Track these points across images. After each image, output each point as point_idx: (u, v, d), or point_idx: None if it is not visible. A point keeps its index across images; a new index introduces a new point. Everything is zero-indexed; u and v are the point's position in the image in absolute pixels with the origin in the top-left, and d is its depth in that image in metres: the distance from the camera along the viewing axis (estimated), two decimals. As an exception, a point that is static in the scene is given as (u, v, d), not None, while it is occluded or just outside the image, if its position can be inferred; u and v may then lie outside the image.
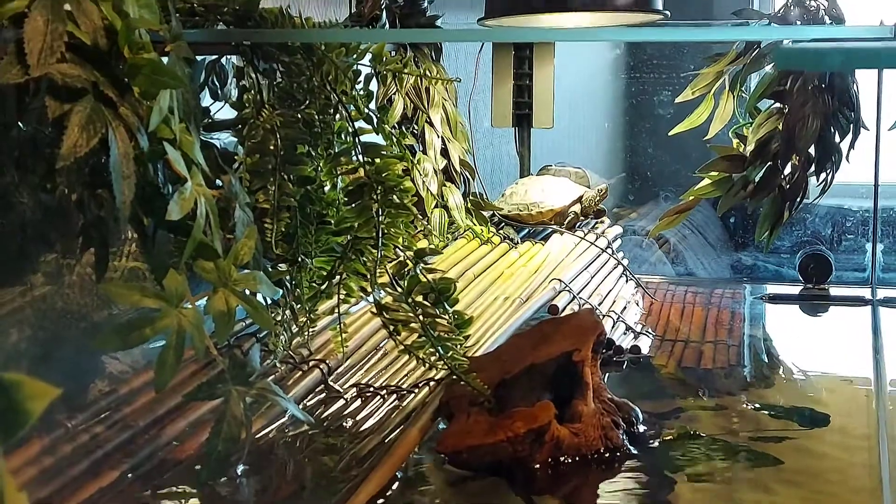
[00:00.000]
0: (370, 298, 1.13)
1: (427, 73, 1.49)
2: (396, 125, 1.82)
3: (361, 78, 1.22)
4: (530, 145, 2.13)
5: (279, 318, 1.18)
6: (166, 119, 0.92)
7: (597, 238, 1.85)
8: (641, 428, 1.11)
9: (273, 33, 1.15)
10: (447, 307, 1.12)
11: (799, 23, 1.79)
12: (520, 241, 1.84)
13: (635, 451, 1.05)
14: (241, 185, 1.13)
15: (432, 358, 1.08)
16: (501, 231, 1.86)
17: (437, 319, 1.09)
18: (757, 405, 1.22)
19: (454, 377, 1.06)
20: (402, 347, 1.11)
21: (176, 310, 0.89)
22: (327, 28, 1.19)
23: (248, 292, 0.96)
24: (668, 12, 1.76)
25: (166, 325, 0.88)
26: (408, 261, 1.14)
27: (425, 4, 1.90)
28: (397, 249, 1.14)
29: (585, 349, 1.04)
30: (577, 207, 1.90)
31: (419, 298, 1.12)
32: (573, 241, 1.82)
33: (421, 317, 1.10)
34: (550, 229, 1.88)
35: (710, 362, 1.41)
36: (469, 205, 1.85)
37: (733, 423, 1.17)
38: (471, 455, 0.99)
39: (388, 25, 1.80)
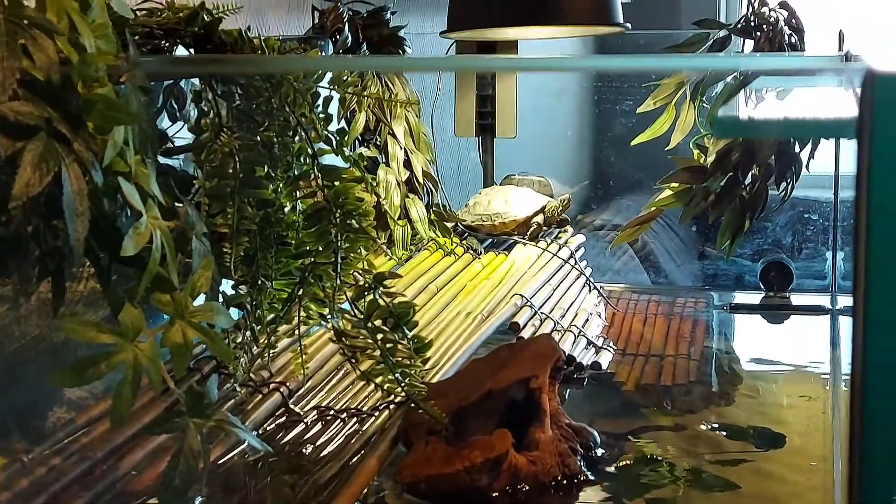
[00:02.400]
0: (328, 325, 1.13)
1: (388, 91, 1.48)
2: (359, 138, 1.82)
3: (321, 100, 1.22)
4: (493, 154, 2.14)
5: (239, 339, 1.18)
6: (121, 152, 0.92)
7: (559, 249, 1.86)
8: (599, 451, 1.11)
9: (233, 62, 1.15)
10: (406, 332, 1.12)
11: (758, 35, 1.81)
12: (483, 252, 1.85)
13: (593, 478, 1.06)
14: (199, 210, 1.13)
15: (391, 385, 1.08)
16: (465, 242, 1.87)
17: (396, 345, 1.09)
18: (715, 425, 1.24)
19: (412, 404, 1.06)
20: (359, 375, 1.11)
21: (132, 344, 0.89)
22: (288, 54, 1.18)
23: (205, 323, 0.96)
24: (629, 25, 1.77)
25: (122, 360, 0.88)
26: (367, 284, 1.14)
27: (388, 15, 1.90)
28: (356, 274, 1.14)
29: (543, 376, 1.05)
30: (539, 217, 1.91)
31: (378, 323, 1.13)
32: (536, 252, 1.83)
33: (380, 342, 1.10)
34: (513, 240, 1.88)
35: (670, 378, 1.42)
36: (432, 216, 1.85)
37: (691, 444, 1.18)
38: (429, 485, 0.99)
39: (350, 38, 1.80)
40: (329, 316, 1.12)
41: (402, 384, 1.08)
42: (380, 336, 1.10)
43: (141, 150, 0.98)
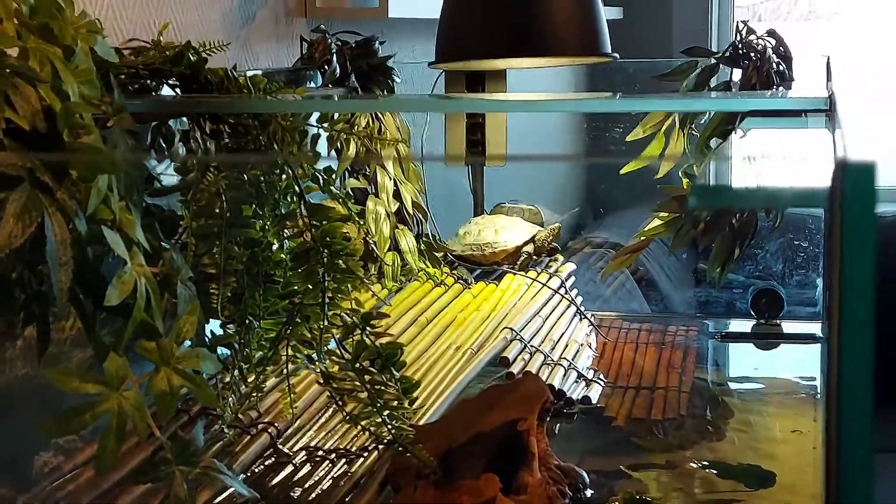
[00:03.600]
0: (316, 368, 1.13)
1: (377, 124, 1.48)
2: (348, 168, 1.82)
3: (309, 138, 1.22)
4: (483, 182, 2.14)
5: (227, 379, 1.18)
6: (106, 198, 0.92)
7: (549, 278, 1.85)
8: (588, 493, 1.11)
9: (220, 103, 1.14)
10: (394, 373, 1.12)
11: (745, 63, 1.81)
12: (473, 282, 1.85)
13: (581, 520, 1.06)
14: (186, 250, 1.13)
15: (379, 430, 1.08)
16: (455, 272, 1.87)
17: (383, 387, 1.09)
18: (705, 462, 1.23)
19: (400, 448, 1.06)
20: (347, 418, 1.10)
21: (117, 393, 0.89)
22: (275, 95, 1.18)
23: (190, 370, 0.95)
24: (616, 55, 1.77)
25: (107, 410, 0.88)
26: (355, 325, 1.14)
27: (376, 45, 1.90)
28: (343, 315, 1.14)
29: (531, 418, 1.05)
30: (529, 247, 1.91)
31: (366, 363, 1.12)
32: (526, 281, 1.83)
33: (367, 384, 1.09)
34: (503, 269, 1.88)
35: (661, 412, 1.41)
36: (422, 247, 1.85)
37: (682, 483, 1.17)
38: (417, 531, 0.99)
39: (338, 69, 1.80)
40: (316, 358, 1.12)
41: (390, 427, 1.07)
42: (367, 377, 1.10)
43: (126, 194, 0.98)
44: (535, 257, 1.92)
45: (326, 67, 1.81)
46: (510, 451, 1.05)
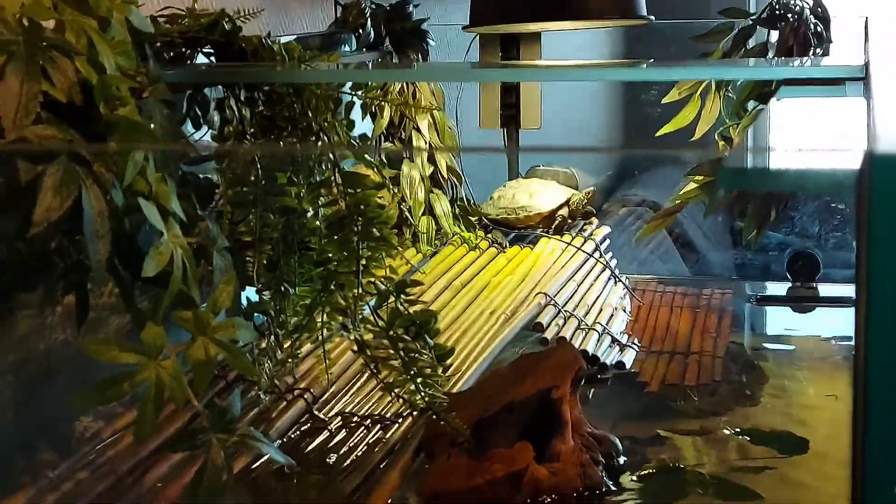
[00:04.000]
0: (351, 336, 1.13)
1: (412, 90, 1.48)
2: (383, 132, 1.82)
3: (343, 106, 1.22)
4: (518, 146, 2.13)
5: (263, 345, 1.19)
6: (142, 170, 0.92)
7: (584, 242, 1.85)
8: (622, 460, 1.11)
9: (254, 73, 1.15)
10: (428, 340, 1.12)
11: (782, 24, 1.79)
12: (508, 246, 1.85)
13: (614, 488, 1.06)
14: (221, 219, 1.14)
15: (413, 397, 1.09)
16: (489, 236, 1.87)
17: (417, 355, 1.10)
18: (738, 430, 1.23)
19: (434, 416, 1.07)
20: (382, 386, 1.11)
21: (154, 362, 0.90)
22: (307, 64, 1.18)
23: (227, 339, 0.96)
24: (652, 17, 1.76)
25: (145, 379, 0.89)
26: (389, 293, 1.14)
27: (411, 8, 1.90)
28: (377, 283, 1.14)
29: (564, 386, 1.05)
30: (564, 210, 1.91)
31: (400, 331, 1.13)
32: (561, 245, 1.83)
33: (401, 353, 1.10)
34: (538, 233, 1.88)
35: (695, 377, 1.42)
36: (457, 211, 1.86)
37: (715, 450, 1.18)
38: (451, 499, 1.00)
39: (372, 33, 1.80)
40: (351, 326, 1.12)
41: (424, 395, 1.08)
42: (401, 345, 1.11)
43: (162, 164, 0.99)
44: (569, 221, 1.92)
45: (361, 31, 1.81)
46: (543, 419, 1.05)
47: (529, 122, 2.08)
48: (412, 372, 1.09)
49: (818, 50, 1.77)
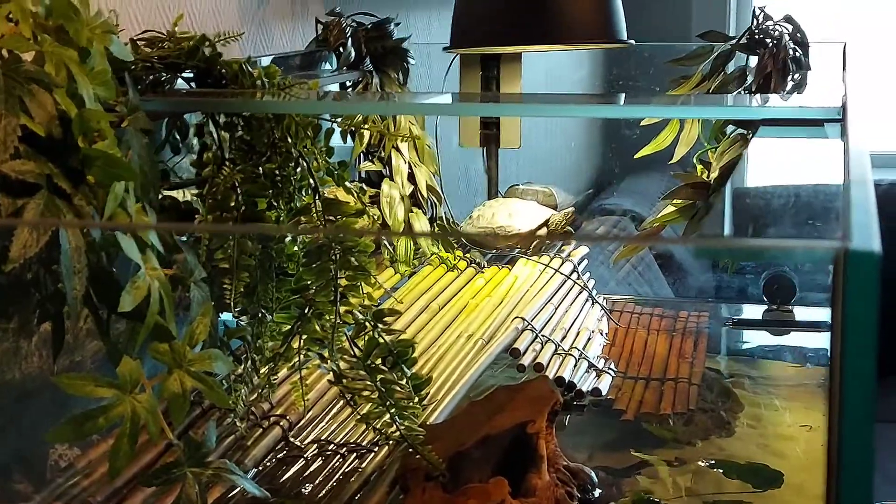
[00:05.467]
0: (328, 367, 1.13)
1: (388, 127, 1.48)
2: (363, 152, 1.82)
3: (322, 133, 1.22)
4: (498, 164, 2.14)
5: (239, 371, 1.18)
6: (122, 201, 0.92)
7: (562, 263, 1.86)
8: (597, 492, 1.12)
9: (234, 103, 1.15)
10: (405, 370, 1.13)
11: (761, 50, 1.80)
12: (486, 266, 1.85)
13: (589, 523, 1.07)
14: (199, 243, 1.13)
15: (389, 430, 1.09)
16: (468, 255, 1.87)
17: (394, 386, 1.10)
18: (712, 461, 1.24)
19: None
20: (358, 417, 1.11)
21: (129, 396, 0.89)
22: (291, 95, 1.18)
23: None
24: (632, 41, 1.77)
25: (120, 414, 0.89)
26: (366, 322, 1.14)
27: (392, 27, 1.90)
28: (355, 313, 1.14)
29: (540, 420, 1.05)
30: (543, 231, 1.91)
31: (377, 361, 1.13)
32: (539, 267, 1.83)
33: (378, 383, 1.10)
34: (516, 253, 1.89)
35: (670, 405, 1.42)
36: (436, 230, 1.86)
37: (689, 483, 1.18)
38: (426, 534, 1.00)
39: (353, 54, 1.80)
40: (328, 356, 1.12)
41: (400, 427, 1.08)
42: (378, 376, 1.11)
43: (142, 193, 0.99)
44: (548, 241, 1.92)
45: (342, 50, 1.81)
46: (519, 454, 1.06)
47: (509, 141, 2.08)
48: (388, 403, 1.09)
49: (797, 76, 1.78)
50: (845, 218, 0.48)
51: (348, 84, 1.84)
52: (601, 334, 1.70)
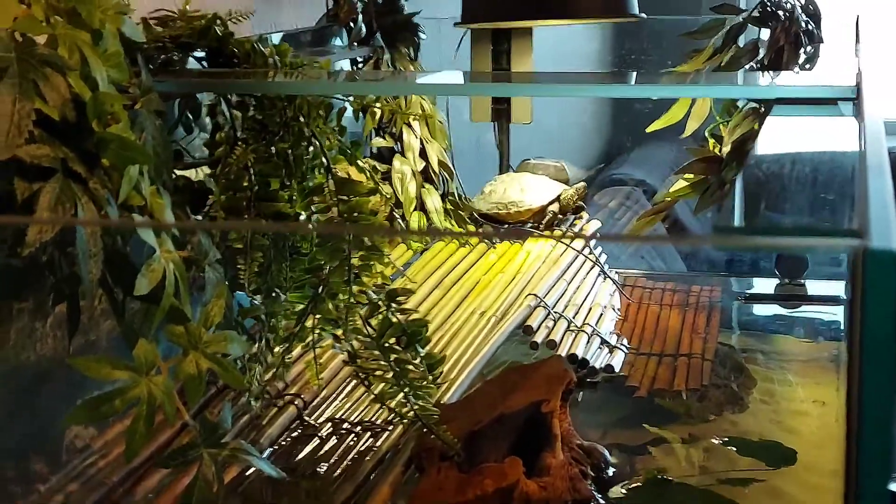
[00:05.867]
0: (342, 347, 1.13)
1: (400, 105, 1.47)
2: (374, 128, 1.82)
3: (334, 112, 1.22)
4: (509, 138, 2.13)
5: (254, 350, 1.19)
6: (136, 184, 0.92)
7: (573, 239, 1.86)
8: (611, 471, 1.12)
9: (246, 83, 1.15)
10: (419, 349, 1.13)
11: (773, 23, 1.79)
12: (498, 241, 1.85)
13: (603, 501, 1.07)
14: (213, 230, 1.14)
15: (403, 409, 1.09)
16: (480, 230, 1.87)
17: (408, 366, 1.10)
18: (725, 439, 1.24)
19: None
20: (372, 397, 1.12)
21: (145, 378, 0.90)
22: (305, 77, 1.18)
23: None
24: (643, 15, 1.76)
25: (136, 396, 0.89)
26: (380, 302, 1.14)
27: (402, 2, 1.89)
28: (369, 293, 1.14)
29: (554, 400, 1.06)
30: (555, 206, 1.91)
31: (391, 341, 1.13)
32: (551, 242, 1.83)
33: (392, 363, 1.10)
34: (529, 228, 1.89)
35: (684, 381, 1.42)
36: (448, 206, 1.86)
37: (702, 460, 1.18)
38: (441, 514, 1.00)
39: (364, 29, 1.79)
40: (342, 337, 1.12)
41: (415, 407, 1.08)
42: (392, 356, 1.11)
43: (156, 174, 0.99)
44: (560, 216, 1.92)
45: (352, 25, 1.81)
46: (533, 433, 1.06)
47: (520, 116, 2.08)
48: (403, 383, 1.09)
49: (809, 48, 1.77)
50: (863, 212, 0.48)
51: (359, 60, 1.83)
52: (613, 310, 1.70)
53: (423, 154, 1.84)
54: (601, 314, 1.64)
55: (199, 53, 1.21)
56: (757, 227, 0.57)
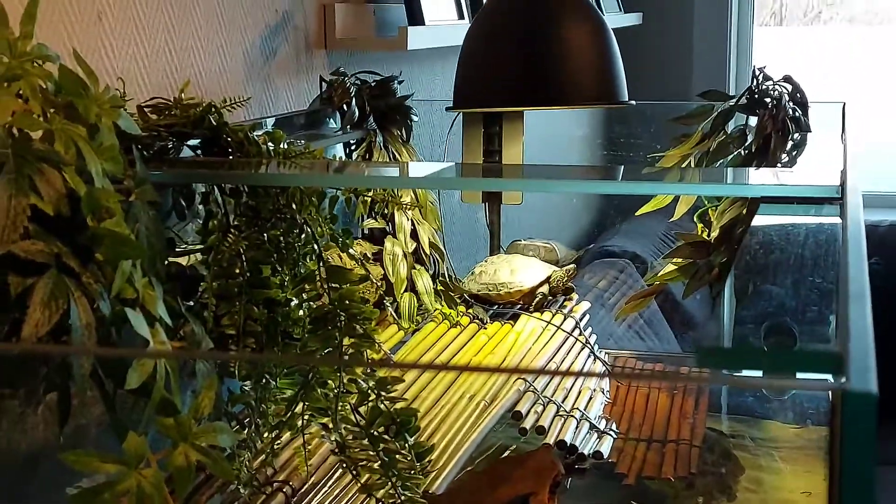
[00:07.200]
0: (331, 437, 1.14)
1: (390, 196, 1.49)
2: (363, 214, 1.84)
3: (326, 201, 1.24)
4: (500, 219, 2.15)
5: (243, 435, 1.19)
6: (129, 276, 0.93)
7: (563, 320, 1.87)
8: (599, 562, 1.13)
9: (240, 174, 1.16)
10: (408, 438, 1.13)
11: (761, 111, 1.81)
12: (489, 321, 1.86)
13: None
14: (206, 310, 1.15)
15: (390, 501, 1.09)
16: (470, 311, 1.88)
17: (397, 456, 1.10)
18: (714, 530, 1.24)
19: (413, 521, 1.08)
20: (361, 488, 1.12)
21: (135, 472, 0.90)
22: (298, 167, 1.19)
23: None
24: (633, 102, 1.78)
25: (125, 489, 0.90)
26: (370, 391, 1.15)
27: (395, 85, 1.92)
28: (358, 381, 1.15)
29: (542, 492, 1.06)
30: (545, 288, 1.92)
31: (380, 430, 1.14)
32: (541, 323, 1.84)
33: (381, 453, 1.11)
34: (518, 309, 1.90)
35: (672, 468, 1.42)
36: (438, 287, 1.87)
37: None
38: None
39: (357, 112, 1.81)
40: (331, 426, 1.13)
41: (402, 497, 1.08)
42: (381, 445, 1.11)
43: (149, 265, 1.00)
44: (549, 298, 1.94)
45: (346, 108, 1.83)
46: (521, 525, 1.06)
47: (511, 197, 2.09)
48: (390, 473, 1.10)
49: (796, 135, 1.80)
50: (843, 345, 0.49)
51: (352, 143, 1.85)
52: (602, 392, 1.71)
53: (414, 235, 1.85)
54: (590, 397, 1.64)
55: (194, 141, 1.23)
56: (742, 350, 0.57)
